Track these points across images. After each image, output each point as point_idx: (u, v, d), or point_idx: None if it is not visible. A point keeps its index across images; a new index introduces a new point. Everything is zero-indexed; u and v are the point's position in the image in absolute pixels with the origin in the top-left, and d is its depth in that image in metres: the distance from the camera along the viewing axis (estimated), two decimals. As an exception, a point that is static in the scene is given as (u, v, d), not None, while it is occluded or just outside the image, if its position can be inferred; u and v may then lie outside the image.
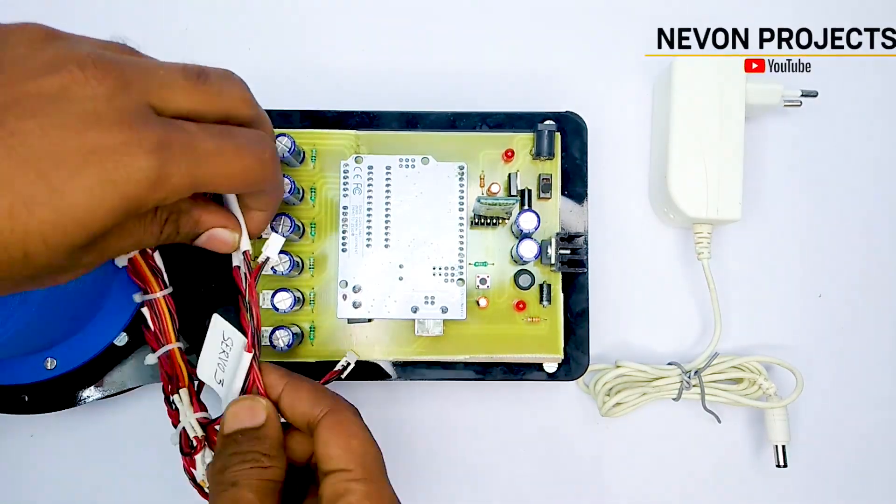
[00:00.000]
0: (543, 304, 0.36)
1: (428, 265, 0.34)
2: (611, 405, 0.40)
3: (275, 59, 0.43)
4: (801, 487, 0.42)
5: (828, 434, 0.42)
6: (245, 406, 0.28)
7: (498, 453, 0.41)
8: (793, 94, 0.41)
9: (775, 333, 0.42)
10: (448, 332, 0.35)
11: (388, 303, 0.34)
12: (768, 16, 0.44)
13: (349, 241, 0.34)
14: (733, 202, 0.39)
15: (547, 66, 0.43)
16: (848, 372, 0.42)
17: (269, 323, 0.35)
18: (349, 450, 0.27)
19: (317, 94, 0.43)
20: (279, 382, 0.29)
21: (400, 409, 0.41)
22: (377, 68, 0.43)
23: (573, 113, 0.38)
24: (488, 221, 0.36)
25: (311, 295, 0.36)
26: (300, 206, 0.36)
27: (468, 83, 0.43)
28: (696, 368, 0.40)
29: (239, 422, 0.28)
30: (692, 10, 0.44)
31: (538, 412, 0.42)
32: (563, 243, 0.35)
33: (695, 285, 0.42)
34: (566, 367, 0.36)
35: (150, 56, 0.25)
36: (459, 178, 0.35)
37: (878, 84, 0.44)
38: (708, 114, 0.39)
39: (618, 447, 0.42)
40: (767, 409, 0.40)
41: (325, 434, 0.27)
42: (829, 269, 0.43)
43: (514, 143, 0.37)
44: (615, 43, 0.44)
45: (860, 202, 0.43)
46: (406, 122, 0.37)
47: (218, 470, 0.27)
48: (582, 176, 0.37)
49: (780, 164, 0.43)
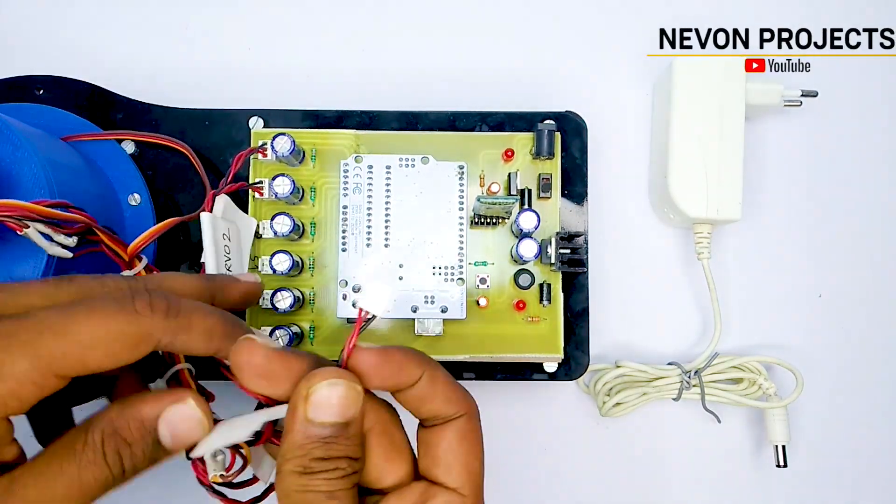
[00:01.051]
0: (543, 304, 0.36)
1: (428, 265, 0.34)
2: (611, 405, 0.40)
3: (275, 59, 0.43)
4: (801, 487, 0.42)
5: (828, 434, 0.42)
6: (339, 393, 0.21)
7: (498, 453, 0.41)
8: (793, 94, 0.40)
9: (775, 333, 0.42)
10: (448, 331, 0.35)
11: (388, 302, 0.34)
12: (768, 16, 0.44)
13: (349, 241, 0.34)
14: (733, 202, 0.39)
15: (547, 66, 0.43)
16: (848, 372, 0.42)
17: (269, 322, 0.35)
18: (471, 470, 0.24)
19: (317, 94, 0.43)
20: (416, 371, 0.23)
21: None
22: (377, 68, 0.43)
23: (573, 113, 0.38)
24: (488, 221, 0.36)
25: (311, 294, 0.36)
26: (300, 205, 0.36)
27: (468, 83, 0.43)
28: (696, 368, 0.40)
29: (331, 412, 0.21)
30: (693, 10, 0.44)
31: (538, 412, 0.42)
32: (563, 243, 0.35)
33: (695, 285, 0.42)
34: (566, 367, 0.36)
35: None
36: (459, 178, 0.35)
37: (877, 84, 0.44)
38: (708, 114, 0.39)
39: (618, 447, 0.42)
40: (767, 409, 0.40)
41: (453, 441, 0.24)
42: (829, 269, 0.43)
43: (513, 142, 0.37)
44: (615, 43, 0.44)
45: (860, 202, 0.43)
46: (406, 122, 0.37)
47: (304, 471, 0.21)
48: (582, 176, 0.37)
49: (780, 164, 0.43)
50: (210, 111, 0.37)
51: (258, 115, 0.37)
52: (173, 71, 0.43)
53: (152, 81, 0.43)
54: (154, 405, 0.21)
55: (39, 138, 0.31)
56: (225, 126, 0.37)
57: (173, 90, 0.42)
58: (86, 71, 0.38)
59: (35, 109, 0.35)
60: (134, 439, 0.20)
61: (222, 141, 0.37)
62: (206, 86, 0.43)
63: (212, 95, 0.42)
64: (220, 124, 0.37)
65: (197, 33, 0.44)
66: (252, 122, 0.37)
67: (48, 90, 0.37)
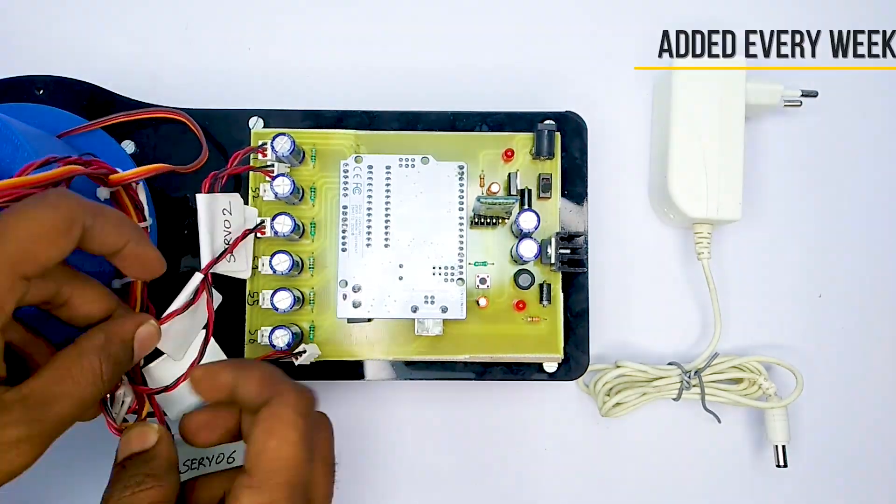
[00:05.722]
0: (543, 304, 0.36)
1: (428, 265, 0.34)
2: (611, 405, 0.40)
3: (275, 59, 0.43)
4: (801, 487, 0.42)
5: (828, 434, 0.42)
6: (135, 433, 0.27)
7: (498, 453, 0.41)
8: (793, 94, 0.41)
9: (775, 333, 0.42)
10: (448, 331, 0.35)
11: (388, 302, 0.34)
12: (769, 16, 0.44)
13: (349, 241, 0.34)
14: (733, 202, 0.39)
15: (547, 66, 0.43)
16: (848, 372, 0.42)
17: (269, 322, 0.35)
18: (262, 451, 0.24)
19: (317, 94, 0.43)
20: (230, 375, 0.27)
21: (399, 409, 0.41)
22: (377, 68, 0.43)
23: (573, 113, 0.38)
24: (488, 221, 0.36)
25: (311, 294, 0.36)
26: (300, 205, 0.36)
27: (468, 83, 0.43)
28: (696, 368, 0.40)
29: (129, 448, 0.27)
30: (693, 10, 0.44)
31: (538, 412, 0.42)
32: (563, 243, 0.35)
33: (695, 285, 0.42)
34: (566, 367, 0.36)
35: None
36: (459, 178, 0.35)
37: (877, 84, 0.44)
38: (708, 113, 0.39)
39: (618, 447, 0.42)
40: (767, 409, 0.40)
41: (253, 426, 0.25)
42: (829, 269, 0.43)
43: (514, 142, 0.37)
44: (616, 43, 0.44)
45: (860, 202, 0.43)
46: (406, 122, 0.37)
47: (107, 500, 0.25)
48: (582, 176, 0.37)
49: (780, 164, 0.43)
50: (210, 111, 0.37)
51: (258, 115, 0.37)
52: (173, 71, 0.43)
53: (152, 81, 0.43)
54: (131, 324, 0.27)
55: (39, 138, 0.31)
56: (225, 126, 0.37)
57: (173, 90, 0.42)
58: (86, 71, 0.38)
59: (35, 109, 0.35)
60: (117, 350, 0.26)
61: (222, 141, 0.37)
62: (206, 86, 0.43)
63: (212, 95, 0.42)
64: (220, 124, 0.37)
65: (197, 33, 0.44)
66: (252, 122, 0.37)
67: (48, 90, 0.37)
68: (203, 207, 0.31)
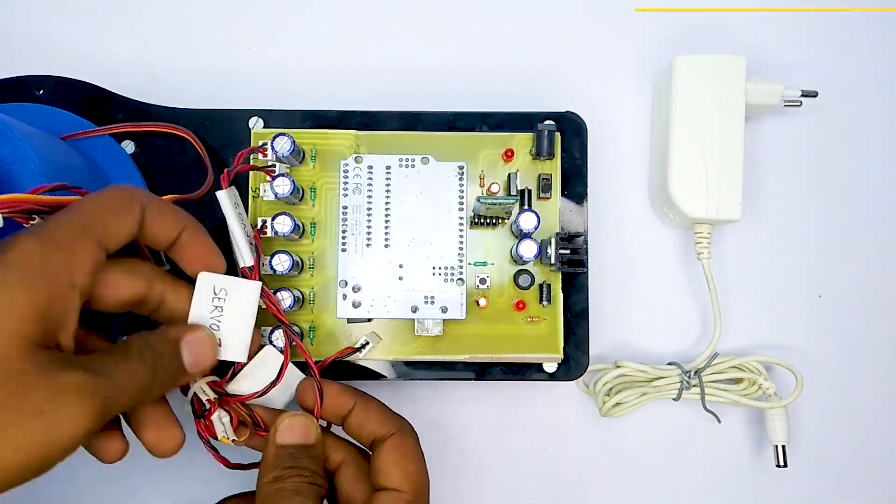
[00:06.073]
0: (543, 304, 0.36)
1: (428, 265, 0.34)
2: (611, 405, 0.40)
3: (275, 59, 0.43)
4: (801, 487, 0.42)
5: (828, 434, 0.42)
6: (299, 423, 0.30)
7: (498, 453, 0.41)
8: (793, 94, 0.40)
9: (775, 333, 0.42)
10: (448, 331, 0.35)
11: (388, 302, 0.34)
12: (769, 17, 0.44)
13: (349, 241, 0.34)
14: (733, 202, 0.39)
15: (547, 66, 0.43)
16: (848, 372, 0.42)
17: (270, 323, 0.35)
18: (407, 472, 0.30)
19: (317, 94, 0.43)
20: (349, 401, 0.31)
21: (399, 409, 0.41)
22: (377, 68, 0.43)
23: (573, 113, 0.38)
24: (488, 221, 0.36)
25: (311, 295, 0.36)
26: (300, 205, 0.36)
27: (468, 83, 0.43)
28: (696, 368, 0.40)
29: (293, 436, 0.30)
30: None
31: (538, 412, 0.42)
32: (563, 243, 0.35)
33: (695, 285, 0.42)
34: (566, 367, 0.36)
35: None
36: (459, 178, 0.35)
37: (877, 84, 0.44)
38: (708, 114, 0.39)
39: (618, 447, 0.42)
40: (767, 409, 0.40)
41: (388, 453, 0.30)
42: (829, 269, 0.43)
43: (513, 143, 0.37)
44: (615, 42, 0.44)
45: (860, 202, 0.43)
46: (406, 122, 0.37)
47: (277, 478, 0.29)
48: (582, 176, 0.37)
49: (780, 164, 0.43)
50: (210, 111, 0.37)
51: (258, 115, 0.37)
52: (173, 71, 0.43)
53: (152, 81, 0.43)
54: (176, 329, 0.29)
55: (39, 138, 0.31)
56: (225, 126, 0.37)
57: (173, 90, 0.42)
58: (86, 71, 0.38)
59: (35, 109, 0.35)
60: (164, 350, 0.27)
61: (222, 141, 0.37)
62: (206, 86, 0.43)
63: (212, 95, 0.42)
64: (220, 124, 0.37)
65: (197, 33, 0.44)
66: (252, 122, 0.37)
67: (48, 90, 0.37)
68: (226, 202, 0.32)
